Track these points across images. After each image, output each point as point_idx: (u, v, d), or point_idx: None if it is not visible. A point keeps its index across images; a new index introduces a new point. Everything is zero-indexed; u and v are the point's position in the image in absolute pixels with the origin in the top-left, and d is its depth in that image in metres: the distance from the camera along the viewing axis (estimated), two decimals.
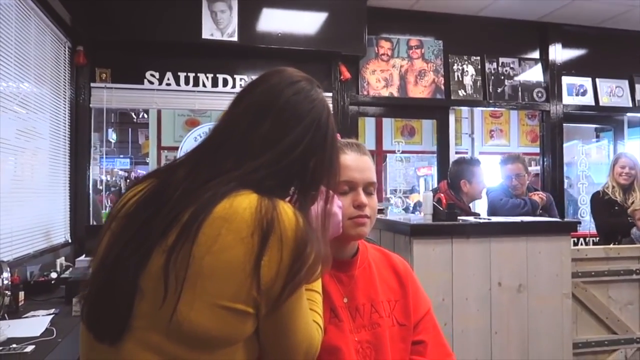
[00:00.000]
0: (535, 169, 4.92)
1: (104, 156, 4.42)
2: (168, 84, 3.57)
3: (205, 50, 3.58)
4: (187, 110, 4.76)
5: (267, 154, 0.78)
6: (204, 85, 3.63)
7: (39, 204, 2.91)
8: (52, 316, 1.91)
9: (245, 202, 0.72)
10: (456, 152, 4.24)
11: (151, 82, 3.54)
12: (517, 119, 6.21)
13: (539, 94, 4.27)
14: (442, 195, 2.35)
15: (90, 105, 3.46)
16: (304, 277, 0.74)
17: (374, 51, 3.95)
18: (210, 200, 0.72)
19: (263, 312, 0.72)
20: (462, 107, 4.31)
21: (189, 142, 3.73)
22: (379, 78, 3.95)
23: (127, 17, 3.39)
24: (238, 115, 0.83)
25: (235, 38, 3.53)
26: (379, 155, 6.13)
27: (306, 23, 3.67)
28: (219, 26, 3.50)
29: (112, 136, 6.73)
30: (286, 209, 0.74)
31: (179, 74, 3.59)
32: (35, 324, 1.78)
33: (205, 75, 3.64)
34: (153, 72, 3.55)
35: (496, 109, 4.51)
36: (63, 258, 3.07)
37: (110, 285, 0.71)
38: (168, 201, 0.73)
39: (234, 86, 3.67)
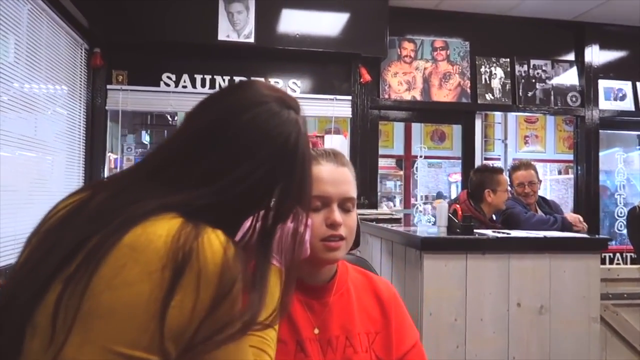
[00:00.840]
0: (566, 177, 4.64)
1: (139, 158, 4.43)
2: (184, 86, 3.52)
3: (222, 52, 3.51)
4: None
5: (206, 189, 0.67)
6: (220, 87, 3.56)
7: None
8: None
9: (162, 229, 0.61)
10: (487, 159, 4.04)
11: (167, 85, 3.50)
12: (554, 124, 5.90)
13: (574, 99, 4.01)
14: (457, 206, 2.19)
15: (106, 107, 3.45)
16: (234, 327, 0.61)
17: (396, 53, 3.79)
18: (123, 225, 0.61)
19: None
20: (493, 112, 4.10)
21: None
22: (401, 81, 3.79)
23: (144, 19, 3.37)
24: (182, 140, 0.72)
25: (252, 39, 3.45)
26: (407, 160, 5.95)
27: (325, 24, 3.56)
28: (236, 27, 3.43)
29: (146, 138, 6.80)
30: (212, 239, 0.61)
31: (195, 76, 3.54)
32: None
33: (222, 77, 3.57)
34: (169, 74, 3.51)
35: (526, 114, 4.28)
36: None
37: (1, 316, 0.60)
38: (80, 221, 0.63)
39: None
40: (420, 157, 4.39)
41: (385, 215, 3.04)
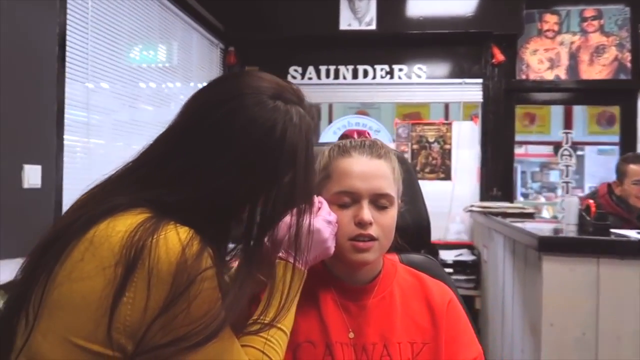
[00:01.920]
0: None
1: None
2: (310, 78, 3.60)
3: (344, 42, 3.51)
4: (358, 102, 4.72)
5: (175, 185, 0.65)
6: (344, 77, 3.57)
7: None
8: None
9: (124, 224, 0.60)
10: None
11: (294, 77, 3.61)
12: None
13: None
14: (591, 201, 1.86)
15: None
16: (199, 333, 0.58)
17: (536, 27, 3.37)
18: (88, 220, 0.61)
19: None
20: None
21: (329, 135, 3.72)
22: (542, 59, 3.37)
23: (271, 17, 3.52)
24: (160, 138, 0.70)
25: (373, 26, 3.38)
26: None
27: (451, 3, 3.32)
28: (357, 15, 3.39)
29: None
30: (169, 237, 0.59)
31: (319, 67, 3.59)
32: None
33: (345, 67, 3.57)
34: (296, 67, 3.62)
35: None
36: None
37: (3, 316, 0.65)
38: (64, 217, 0.65)
39: (374, 77, 3.53)
40: (566, 144, 3.85)
41: (515, 209, 2.74)
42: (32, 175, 1.74)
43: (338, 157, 0.88)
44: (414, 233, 1.09)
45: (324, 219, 0.81)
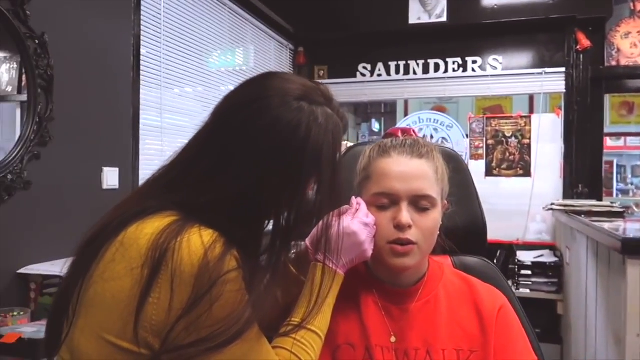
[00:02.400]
0: None
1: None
2: (379, 75, 3.56)
3: (414, 36, 3.42)
4: (436, 97, 4.60)
5: (200, 188, 0.66)
6: (414, 72, 3.48)
7: None
8: None
9: (152, 227, 0.62)
10: None
11: (363, 75, 3.59)
12: None
13: None
14: None
15: None
16: (221, 334, 0.59)
17: (628, 8, 3.07)
18: (120, 223, 0.64)
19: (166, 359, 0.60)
20: None
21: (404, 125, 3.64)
22: (635, 42, 3.06)
23: (339, 15, 3.52)
24: (190, 143, 0.72)
25: (444, 19, 3.26)
26: None
27: None
28: (427, 8, 3.29)
29: (376, 126, 7.18)
30: (192, 239, 0.60)
31: (389, 63, 3.53)
32: None
33: (416, 61, 3.48)
34: (365, 65, 3.59)
35: None
36: None
37: (53, 309, 0.70)
38: (102, 220, 0.69)
39: (446, 70, 3.41)
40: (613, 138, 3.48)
41: (602, 208, 2.51)
42: (110, 177, 1.89)
43: (377, 157, 0.86)
44: (465, 235, 1.03)
45: (360, 221, 0.80)
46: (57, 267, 1.42)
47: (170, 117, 2.30)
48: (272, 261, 0.69)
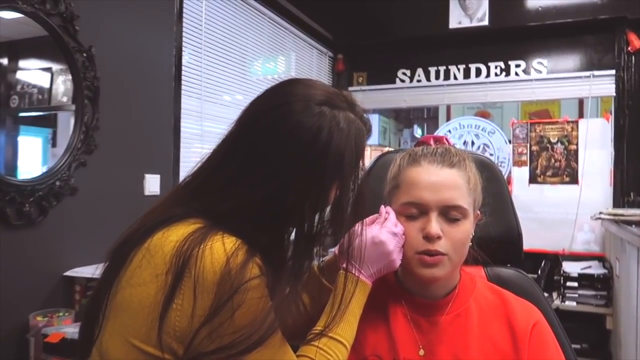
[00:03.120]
0: None
1: None
2: (419, 80, 3.52)
3: (455, 41, 3.37)
4: (478, 102, 4.52)
5: (223, 195, 0.67)
6: (455, 77, 3.43)
7: None
8: None
9: (177, 234, 0.63)
10: None
11: (402, 81, 3.56)
12: None
13: None
14: None
15: None
16: (244, 341, 0.60)
17: None
18: (147, 230, 0.66)
19: None
20: None
21: (443, 131, 3.57)
22: None
23: (378, 21, 3.52)
24: (214, 150, 0.73)
25: (485, 22, 3.21)
26: None
27: None
28: (468, 12, 3.23)
29: (418, 132, 7.12)
30: (215, 247, 0.61)
31: (429, 69, 3.49)
32: None
33: (457, 66, 3.42)
34: (404, 70, 3.56)
35: None
36: None
37: (86, 312, 0.72)
38: (132, 226, 0.70)
39: (487, 75, 3.33)
40: None
41: None
42: (152, 184, 1.95)
43: (407, 166, 0.84)
44: (500, 245, 1.00)
45: (389, 231, 0.79)
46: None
47: (210, 125, 2.36)
48: (295, 268, 0.69)
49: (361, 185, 0.74)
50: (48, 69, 1.70)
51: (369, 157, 5.13)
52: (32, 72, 1.69)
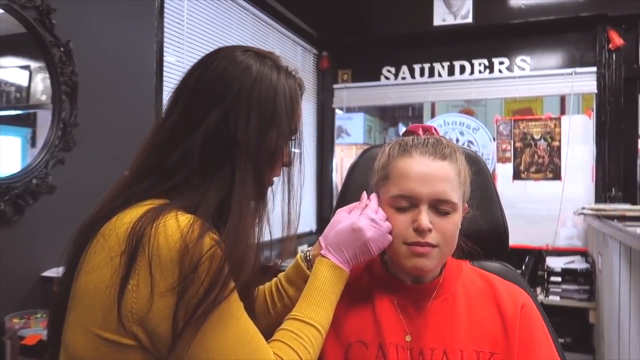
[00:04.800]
0: None
1: None
2: (403, 78, 3.52)
3: (439, 38, 3.37)
4: (462, 99, 4.52)
5: (172, 149, 0.69)
6: (439, 75, 3.43)
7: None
8: None
9: (130, 215, 0.64)
10: None
11: (387, 78, 3.56)
12: None
13: None
14: None
15: (333, 105, 3.72)
16: (203, 307, 0.60)
17: None
18: (104, 215, 0.66)
19: (152, 347, 0.61)
20: None
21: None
22: None
23: (363, 18, 3.51)
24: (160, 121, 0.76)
25: (469, 19, 3.22)
26: None
27: None
28: (452, 9, 3.24)
29: (403, 130, 7.13)
30: (168, 224, 0.61)
31: (413, 66, 3.49)
32: None
33: (441, 64, 3.43)
34: (389, 68, 3.56)
35: None
36: (305, 246, 3.42)
37: (52, 307, 0.72)
38: (86, 224, 0.70)
39: (472, 72, 3.35)
40: None
41: (637, 212, 2.41)
42: None
43: (398, 156, 0.82)
44: (486, 239, 0.99)
45: (367, 217, 0.79)
46: None
47: None
48: (242, 214, 0.68)
49: (298, 128, 0.77)
50: (26, 67, 1.65)
51: (354, 155, 5.12)
52: (10, 70, 1.64)
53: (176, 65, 2.23)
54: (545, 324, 0.88)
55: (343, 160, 4.20)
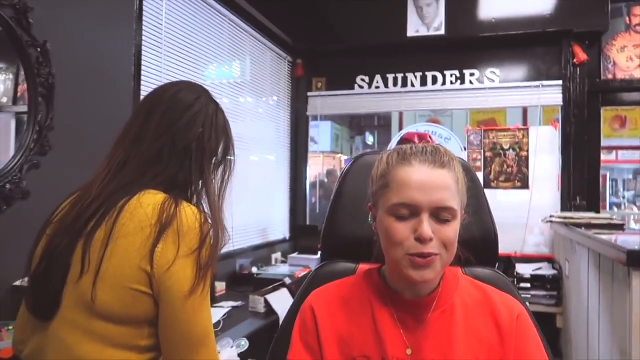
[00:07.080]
0: None
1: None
2: (377, 87, 3.57)
3: (412, 49, 3.44)
4: (429, 110, 4.61)
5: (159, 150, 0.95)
6: (412, 85, 3.50)
7: (261, 204, 3.29)
8: (229, 309, 2.10)
9: (150, 200, 0.88)
10: None
11: (361, 87, 3.60)
12: None
13: None
14: None
15: (307, 113, 3.73)
16: (206, 263, 0.87)
17: (624, 22, 3.12)
18: (122, 198, 0.88)
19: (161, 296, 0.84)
20: None
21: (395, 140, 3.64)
22: (632, 56, 3.10)
23: (337, 28, 3.53)
24: (131, 131, 1.02)
25: (442, 32, 3.29)
26: None
27: (526, 2, 3.16)
28: (425, 21, 3.31)
29: (370, 139, 7.19)
30: (187, 209, 0.89)
31: (387, 76, 3.55)
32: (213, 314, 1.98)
33: (414, 74, 3.50)
34: (363, 77, 3.60)
35: None
36: (279, 254, 3.40)
37: (48, 272, 0.87)
38: (89, 204, 0.89)
39: (444, 83, 3.43)
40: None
41: (602, 220, 2.52)
42: None
43: (397, 165, 0.82)
44: (478, 246, 1.02)
45: None
46: None
47: None
48: (206, 187, 0.99)
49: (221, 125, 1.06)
50: None
51: (322, 164, 5.11)
52: None
53: (154, 69, 2.19)
54: (538, 332, 0.91)
55: (310, 168, 4.21)
